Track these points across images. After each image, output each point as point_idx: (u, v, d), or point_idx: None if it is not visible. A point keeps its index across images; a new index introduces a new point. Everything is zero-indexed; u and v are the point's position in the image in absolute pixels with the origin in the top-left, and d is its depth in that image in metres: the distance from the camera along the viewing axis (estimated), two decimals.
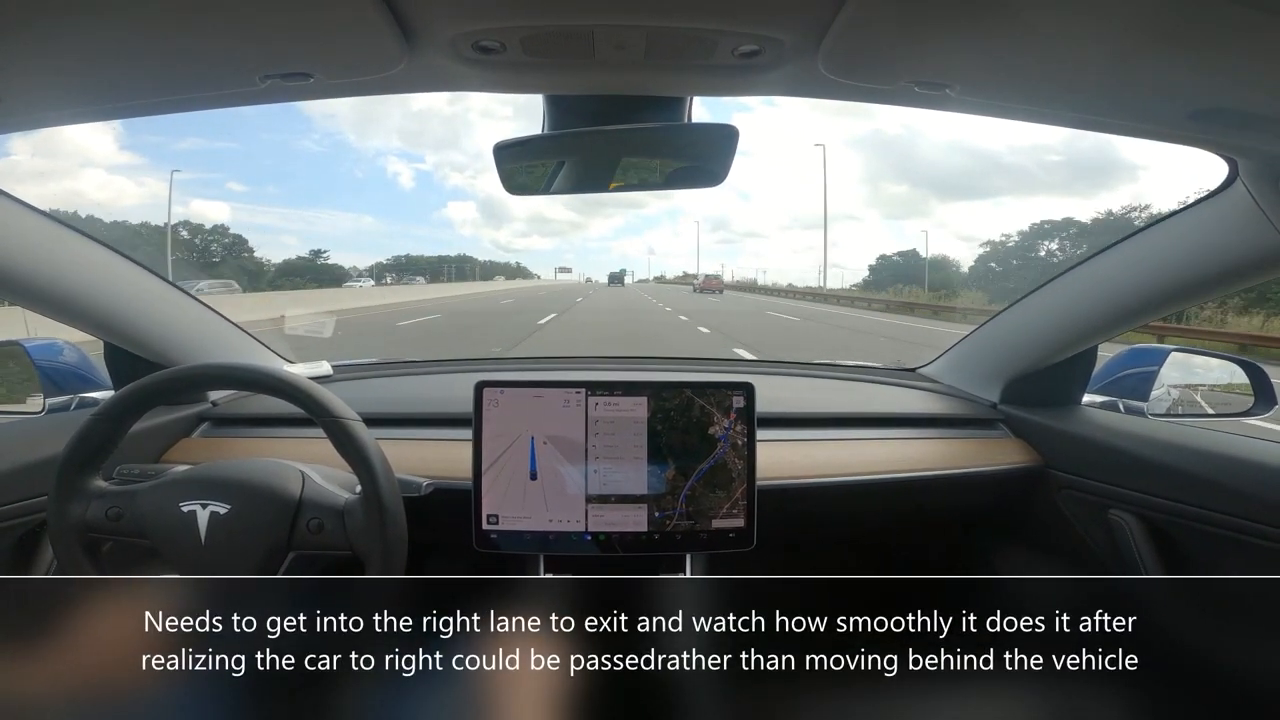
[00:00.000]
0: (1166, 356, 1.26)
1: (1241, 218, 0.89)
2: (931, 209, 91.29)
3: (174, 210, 62.69)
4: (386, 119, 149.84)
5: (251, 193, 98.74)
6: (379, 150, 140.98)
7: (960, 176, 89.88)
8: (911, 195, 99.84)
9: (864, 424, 1.30)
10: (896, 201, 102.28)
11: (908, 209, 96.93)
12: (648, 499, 1.05)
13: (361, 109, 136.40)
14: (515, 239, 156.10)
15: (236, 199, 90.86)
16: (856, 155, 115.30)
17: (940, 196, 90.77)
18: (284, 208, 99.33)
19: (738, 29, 0.63)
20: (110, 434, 0.89)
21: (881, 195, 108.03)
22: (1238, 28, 0.56)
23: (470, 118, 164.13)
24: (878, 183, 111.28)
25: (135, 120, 0.81)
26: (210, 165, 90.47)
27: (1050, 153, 79.28)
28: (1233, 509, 0.97)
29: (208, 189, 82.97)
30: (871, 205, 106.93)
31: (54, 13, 0.58)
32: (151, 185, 78.86)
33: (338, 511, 0.88)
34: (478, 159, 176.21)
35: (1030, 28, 0.60)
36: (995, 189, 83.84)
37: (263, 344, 1.44)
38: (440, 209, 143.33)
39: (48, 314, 1.06)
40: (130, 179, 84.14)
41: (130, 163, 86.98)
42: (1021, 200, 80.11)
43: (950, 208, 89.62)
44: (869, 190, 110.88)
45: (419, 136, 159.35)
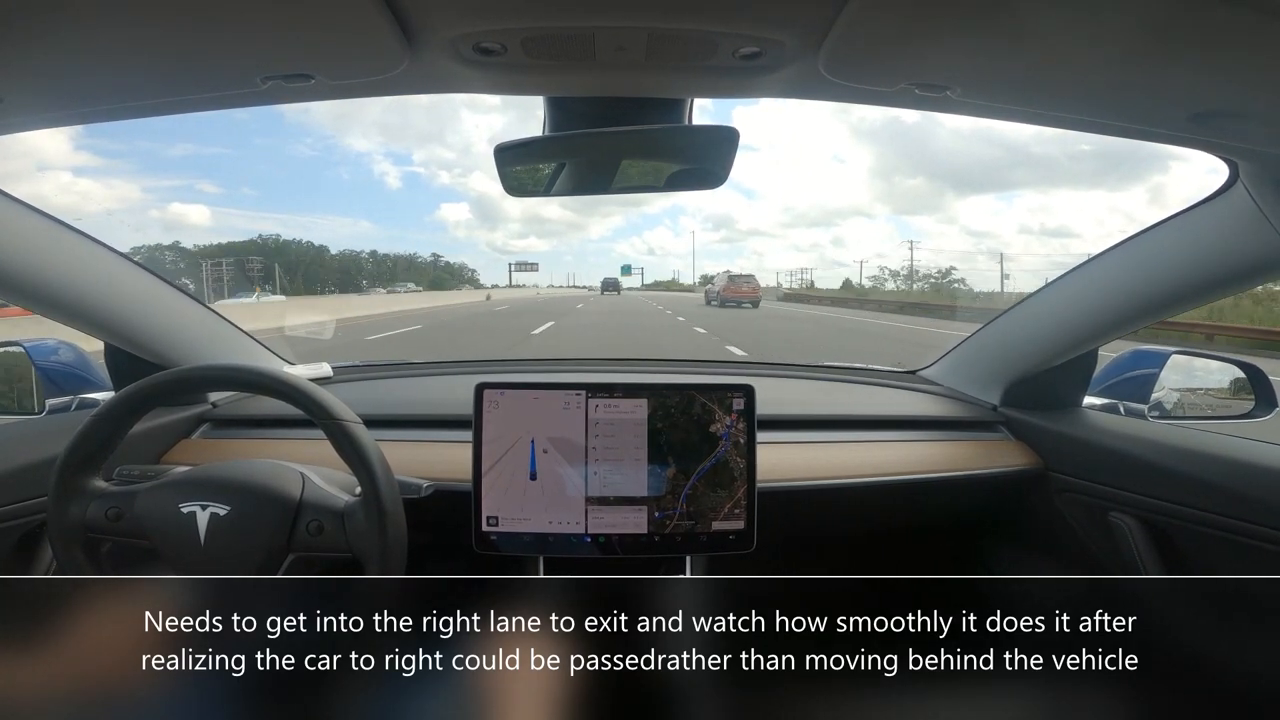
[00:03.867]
0: (1167, 359, 1.26)
1: (1242, 220, 0.89)
2: (948, 204, 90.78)
3: (150, 214, 62.02)
4: (363, 113, 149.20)
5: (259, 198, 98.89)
6: (364, 153, 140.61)
7: (981, 169, 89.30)
8: (927, 189, 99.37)
9: (865, 426, 1.30)
10: (911, 196, 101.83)
11: (921, 204, 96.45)
12: (648, 500, 1.04)
13: (341, 105, 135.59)
14: (512, 240, 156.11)
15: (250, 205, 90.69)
16: (869, 147, 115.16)
17: (958, 190, 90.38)
18: (286, 214, 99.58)
19: (739, 30, 0.63)
20: (110, 435, 0.89)
21: (896, 189, 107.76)
22: (1238, 30, 0.56)
23: (460, 113, 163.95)
24: (891, 176, 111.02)
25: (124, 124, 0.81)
26: (205, 173, 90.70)
27: (1081, 141, 77.48)
28: (1233, 511, 0.97)
29: (205, 197, 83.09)
30: (885, 200, 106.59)
31: (55, 14, 0.58)
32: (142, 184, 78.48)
33: (338, 513, 0.88)
34: (466, 154, 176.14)
35: (1031, 30, 0.60)
36: (1018, 181, 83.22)
37: (263, 345, 1.44)
38: (431, 211, 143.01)
39: (48, 314, 1.06)
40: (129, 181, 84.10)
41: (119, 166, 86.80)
42: (1044, 195, 79.38)
43: (967, 202, 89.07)
44: (883, 184, 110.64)
45: (402, 130, 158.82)
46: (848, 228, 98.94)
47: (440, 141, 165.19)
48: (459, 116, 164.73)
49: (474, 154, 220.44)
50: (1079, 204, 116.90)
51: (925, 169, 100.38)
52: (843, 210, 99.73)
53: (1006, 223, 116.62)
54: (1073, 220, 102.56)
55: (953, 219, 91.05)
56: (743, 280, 21.69)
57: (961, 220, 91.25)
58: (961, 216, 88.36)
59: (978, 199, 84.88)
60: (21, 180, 52.21)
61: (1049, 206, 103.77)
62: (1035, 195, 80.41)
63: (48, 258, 1.01)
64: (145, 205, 56.09)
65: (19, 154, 68.34)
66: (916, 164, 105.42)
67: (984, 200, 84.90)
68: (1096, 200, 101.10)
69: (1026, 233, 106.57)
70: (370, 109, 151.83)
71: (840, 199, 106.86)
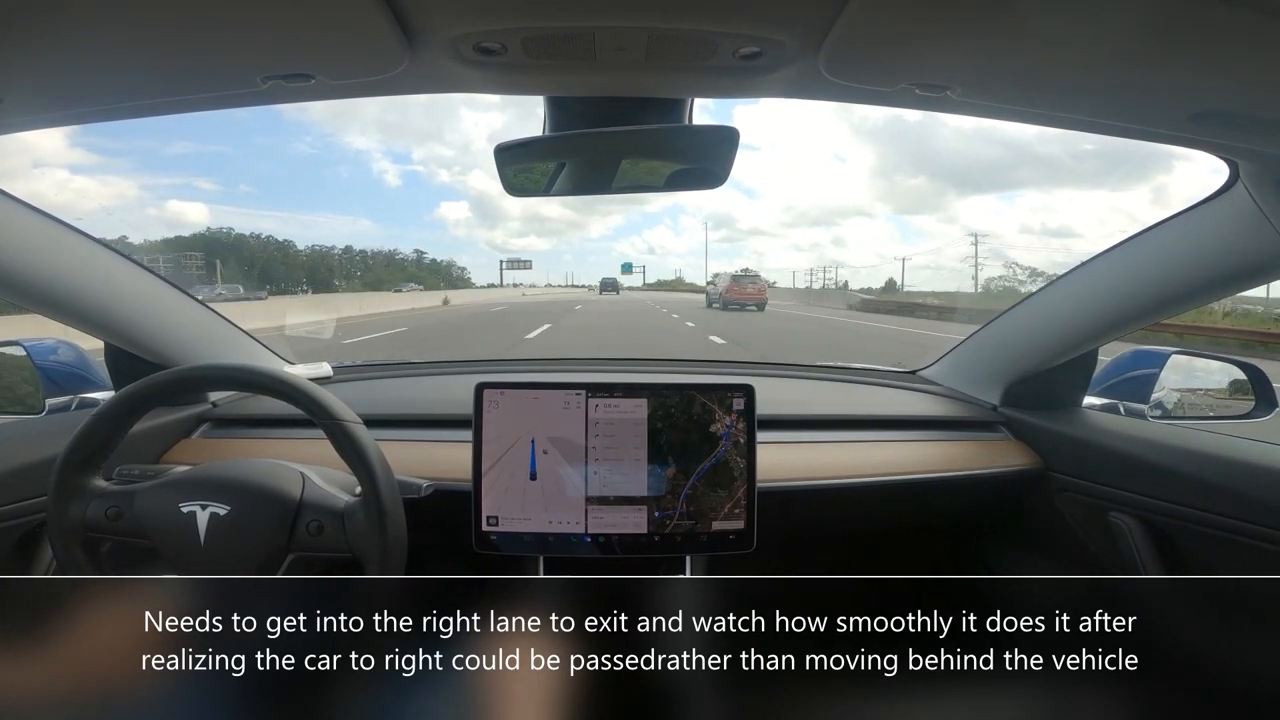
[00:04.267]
0: (1167, 359, 1.26)
1: (1242, 220, 0.89)
2: (949, 203, 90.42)
3: (148, 212, 61.31)
4: (362, 110, 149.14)
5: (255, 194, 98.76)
6: (363, 150, 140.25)
7: (984, 168, 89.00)
8: (928, 188, 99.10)
9: (865, 426, 1.30)
10: (912, 195, 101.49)
11: (922, 203, 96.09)
12: (648, 500, 1.04)
13: (339, 103, 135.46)
14: (511, 239, 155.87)
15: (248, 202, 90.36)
16: (871, 146, 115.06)
17: (959, 190, 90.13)
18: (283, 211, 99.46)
19: (739, 30, 0.63)
20: (110, 434, 0.89)
21: (897, 188, 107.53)
22: (1238, 30, 0.56)
23: (459, 111, 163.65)
24: (893, 175, 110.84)
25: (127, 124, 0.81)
26: (204, 171, 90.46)
27: (1084, 140, 77.30)
28: (1233, 511, 0.97)
29: (203, 194, 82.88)
30: (886, 199, 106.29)
31: (55, 14, 0.58)
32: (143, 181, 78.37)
33: (338, 513, 0.88)
34: (465, 152, 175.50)
35: (1030, 30, 0.60)
36: (1021, 181, 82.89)
37: (263, 345, 1.44)
38: (431, 210, 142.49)
39: (48, 314, 1.06)
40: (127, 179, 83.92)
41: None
42: (1047, 194, 79.18)
43: (968, 202, 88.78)
44: (884, 184, 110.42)
45: (400, 128, 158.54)
46: (848, 227, 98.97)
47: (439, 139, 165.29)
48: (458, 114, 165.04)
49: (473, 151, 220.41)
50: (1081, 204, 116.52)
51: (927, 168, 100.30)
52: (844, 209, 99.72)
53: (1008, 222, 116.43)
54: (1075, 220, 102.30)
55: (953, 219, 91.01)
56: (747, 280, 20.53)
57: (962, 220, 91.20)
58: (962, 216, 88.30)
59: (979, 199, 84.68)
60: (18, 178, 51.67)
61: (1051, 206, 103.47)
62: (1038, 195, 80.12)
63: (48, 258, 1.01)
64: (143, 203, 55.96)
65: (14, 150, 67.85)
66: (918, 163, 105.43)
67: (985, 200, 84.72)
68: (1099, 200, 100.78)
69: (1028, 232, 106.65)
70: (369, 107, 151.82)
71: (841, 198, 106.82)
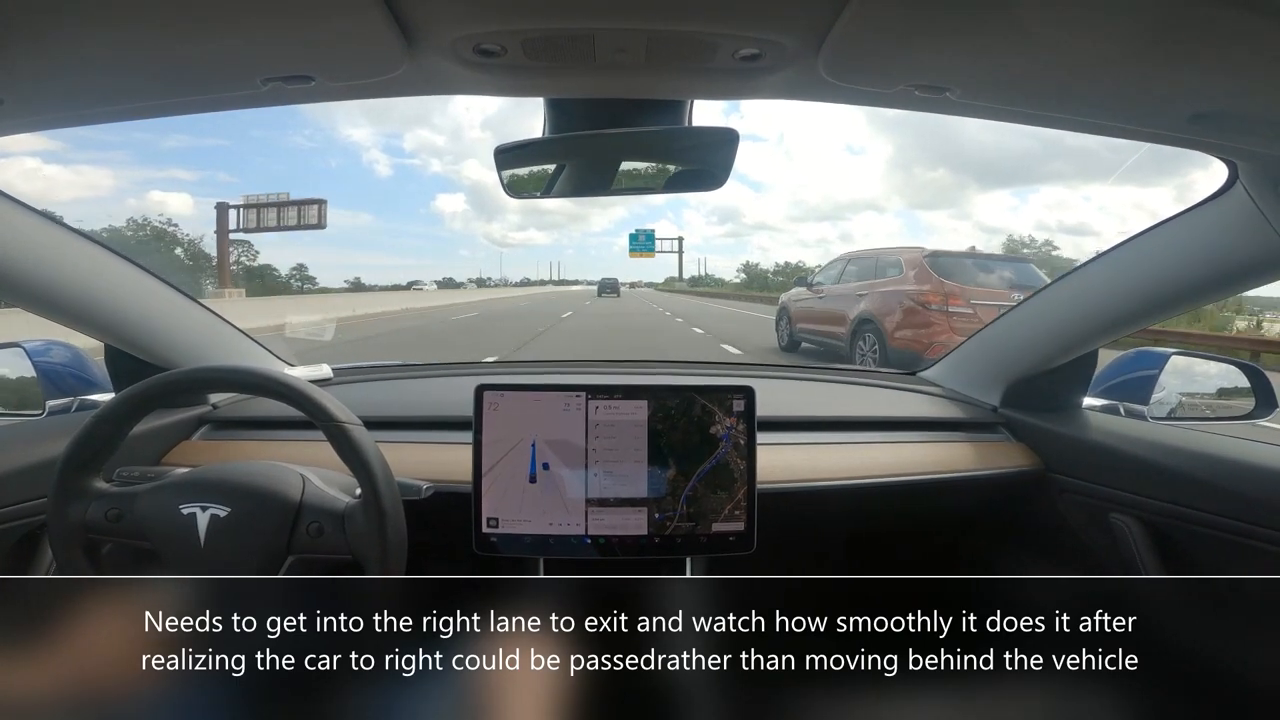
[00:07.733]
0: (1167, 360, 1.26)
1: (1241, 221, 0.89)
2: (968, 198, 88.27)
3: (129, 203, 59.70)
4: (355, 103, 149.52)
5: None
6: (358, 141, 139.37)
7: (1012, 160, 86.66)
8: (949, 181, 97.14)
9: (865, 428, 1.30)
10: (931, 188, 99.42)
11: (940, 197, 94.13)
12: (648, 502, 1.04)
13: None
14: (510, 233, 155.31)
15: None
16: (889, 136, 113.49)
17: (981, 184, 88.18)
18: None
19: (738, 32, 0.64)
20: (111, 436, 0.89)
21: (915, 181, 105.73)
22: (1237, 31, 0.56)
23: (453, 98, 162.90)
24: (912, 167, 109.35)
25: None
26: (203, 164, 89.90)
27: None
28: (1233, 512, 0.97)
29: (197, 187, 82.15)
30: (901, 193, 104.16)
31: (56, 16, 0.58)
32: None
33: (338, 515, 0.88)
34: (457, 139, 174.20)
35: (1030, 32, 0.60)
36: (1052, 175, 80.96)
37: (263, 347, 1.44)
38: (427, 202, 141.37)
39: (48, 316, 1.06)
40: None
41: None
42: (1074, 190, 77.33)
43: (988, 196, 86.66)
44: (901, 176, 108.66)
45: (385, 113, 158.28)
46: (857, 222, 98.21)
47: (428, 124, 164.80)
48: (451, 99, 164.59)
49: (466, 140, 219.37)
50: (1102, 200, 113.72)
51: (950, 160, 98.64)
52: (855, 204, 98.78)
53: (1023, 219, 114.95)
54: (1092, 218, 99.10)
55: (966, 214, 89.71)
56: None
57: (976, 216, 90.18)
58: (976, 212, 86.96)
59: (1001, 193, 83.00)
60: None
61: (1067, 203, 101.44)
62: (1065, 191, 78.24)
63: (48, 259, 1.01)
64: (122, 193, 54.60)
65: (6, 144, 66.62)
66: (941, 155, 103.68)
67: (1004, 196, 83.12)
68: (1128, 196, 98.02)
69: (1043, 229, 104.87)
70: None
71: (852, 192, 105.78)
